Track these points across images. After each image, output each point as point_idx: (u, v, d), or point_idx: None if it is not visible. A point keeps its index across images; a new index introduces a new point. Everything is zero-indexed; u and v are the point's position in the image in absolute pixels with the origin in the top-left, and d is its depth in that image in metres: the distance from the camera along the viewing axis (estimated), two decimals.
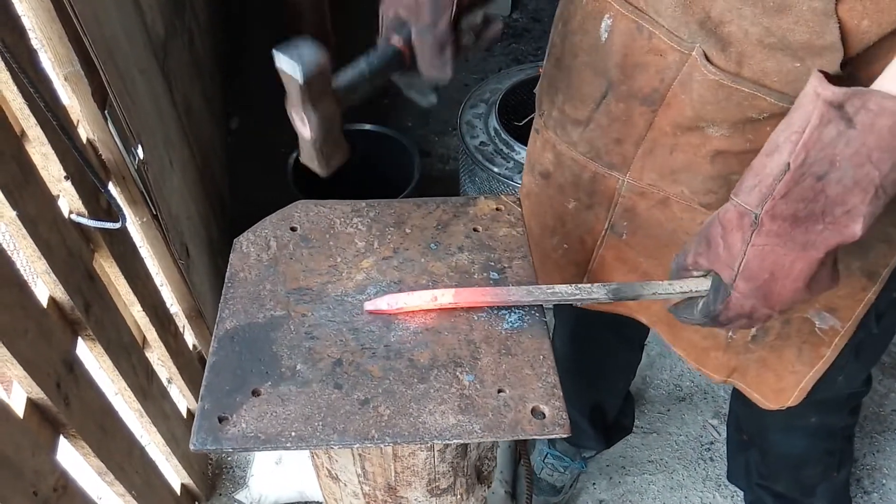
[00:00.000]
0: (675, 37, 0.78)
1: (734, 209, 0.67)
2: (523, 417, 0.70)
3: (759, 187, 0.64)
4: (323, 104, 0.73)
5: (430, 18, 0.77)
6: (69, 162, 1.01)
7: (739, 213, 0.66)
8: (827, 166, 0.61)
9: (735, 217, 0.67)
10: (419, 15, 0.77)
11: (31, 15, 0.96)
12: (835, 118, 0.59)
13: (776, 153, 0.63)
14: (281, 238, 0.87)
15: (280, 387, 0.72)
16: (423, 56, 0.79)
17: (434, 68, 0.79)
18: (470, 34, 0.82)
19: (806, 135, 0.60)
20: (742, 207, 0.66)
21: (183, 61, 1.78)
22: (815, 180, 0.61)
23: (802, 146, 0.60)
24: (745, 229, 0.66)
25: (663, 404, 1.93)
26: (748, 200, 0.65)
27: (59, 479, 0.99)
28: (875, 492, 1.77)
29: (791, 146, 0.61)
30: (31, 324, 0.92)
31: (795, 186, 0.62)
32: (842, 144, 0.59)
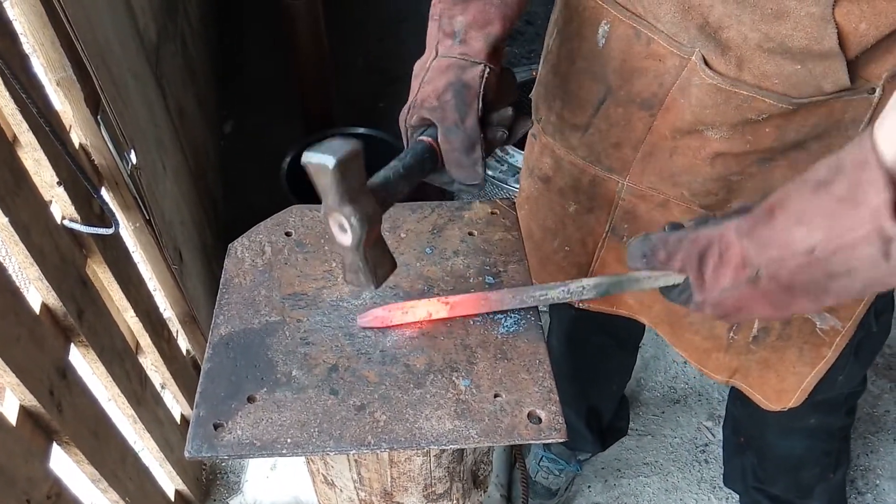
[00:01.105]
0: (674, 42, 0.78)
1: (740, 252, 0.65)
2: (520, 422, 0.70)
3: (776, 251, 0.62)
4: (361, 203, 0.66)
5: (456, 117, 0.75)
6: (62, 167, 1.01)
7: (744, 259, 0.64)
8: (843, 272, 0.60)
9: (737, 259, 0.65)
10: (444, 115, 0.75)
11: (22, 20, 0.95)
12: (877, 246, 0.57)
13: (806, 229, 0.60)
14: (276, 243, 0.87)
15: (275, 393, 0.72)
16: (451, 157, 0.76)
17: (463, 168, 0.77)
18: (501, 130, 0.79)
19: (845, 240, 0.58)
20: (749, 257, 0.64)
21: (176, 66, 1.78)
22: (826, 275, 0.61)
23: (835, 248, 0.58)
24: (740, 275, 0.65)
25: (658, 406, 1.93)
26: (759, 256, 0.63)
27: (52, 487, 0.98)
28: (869, 492, 1.77)
29: (824, 237, 0.59)
30: (23, 330, 0.92)
31: (808, 269, 0.61)
32: (867, 263, 0.58)
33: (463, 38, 0.76)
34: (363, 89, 2.75)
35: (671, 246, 0.69)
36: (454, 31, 0.76)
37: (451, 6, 0.76)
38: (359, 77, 2.81)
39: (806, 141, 0.79)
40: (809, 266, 0.61)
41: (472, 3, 0.76)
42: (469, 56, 0.76)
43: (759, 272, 0.63)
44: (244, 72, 2.81)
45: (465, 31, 0.76)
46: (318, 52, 2.27)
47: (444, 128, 0.76)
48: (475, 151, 0.76)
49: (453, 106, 0.75)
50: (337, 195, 0.65)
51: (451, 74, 0.75)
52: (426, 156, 0.76)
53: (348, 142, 0.65)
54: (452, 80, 0.75)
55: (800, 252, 0.60)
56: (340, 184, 0.64)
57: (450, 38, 0.77)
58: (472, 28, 0.76)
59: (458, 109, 0.75)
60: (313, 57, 2.27)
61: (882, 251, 0.57)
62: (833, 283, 0.61)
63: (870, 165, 0.56)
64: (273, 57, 2.72)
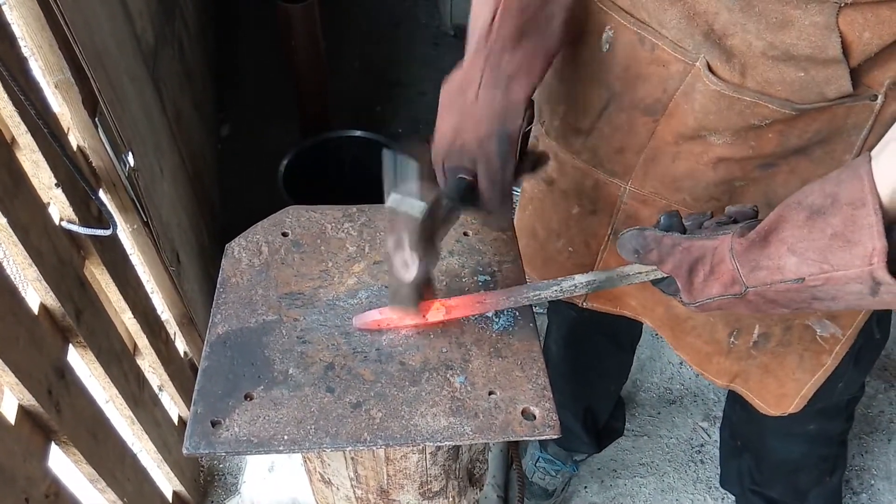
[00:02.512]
0: (678, 48, 0.78)
1: (730, 271, 0.66)
2: (514, 419, 0.71)
3: (765, 274, 0.64)
4: (430, 250, 0.73)
5: (499, 167, 0.77)
6: (60, 169, 1.02)
7: (733, 278, 0.66)
8: (830, 299, 0.62)
9: (727, 276, 0.67)
10: (488, 165, 0.78)
11: (21, 23, 0.96)
12: (867, 286, 0.59)
13: (798, 259, 0.62)
14: (272, 243, 0.88)
15: (272, 391, 0.72)
16: (489, 204, 0.80)
17: (496, 211, 0.81)
18: (529, 170, 0.86)
19: (836, 275, 0.60)
20: (739, 277, 0.66)
21: (173, 69, 1.79)
22: (811, 298, 0.63)
23: (826, 279, 0.60)
24: (728, 290, 0.67)
25: (654, 407, 1.94)
26: (749, 277, 0.65)
27: (50, 486, 0.99)
28: (864, 492, 1.78)
29: (817, 270, 0.61)
30: (22, 331, 0.92)
31: (795, 294, 0.63)
32: (853, 297, 0.60)
33: (507, 86, 0.76)
34: (359, 92, 2.76)
35: (664, 249, 0.71)
36: (499, 78, 0.77)
37: (501, 49, 0.76)
38: (355, 80, 2.83)
39: (808, 146, 0.80)
40: (797, 292, 0.63)
41: (520, 49, 0.76)
42: (511, 105, 0.77)
43: (746, 290, 0.66)
44: (241, 75, 2.82)
45: (511, 77, 0.77)
46: (315, 55, 2.28)
47: (489, 178, 0.78)
48: (510, 197, 0.80)
49: (497, 156, 0.77)
50: (417, 238, 0.71)
51: (494, 124, 0.76)
52: (468, 195, 0.80)
53: (429, 190, 0.70)
54: (497, 130, 0.76)
55: (789, 279, 0.63)
56: (421, 232, 0.70)
57: (493, 82, 0.77)
58: (518, 75, 0.76)
59: (502, 160, 0.77)
60: (310, 60, 2.28)
61: (871, 290, 0.59)
62: (816, 304, 0.64)
63: (866, 207, 0.58)
64: (270, 60, 2.73)
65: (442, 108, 0.80)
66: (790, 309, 0.66)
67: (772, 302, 0.66)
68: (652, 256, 0.71)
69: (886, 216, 0.57)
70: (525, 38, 0.76)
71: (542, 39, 0.77)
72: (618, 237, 1.01)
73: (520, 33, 0.75)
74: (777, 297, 0.65)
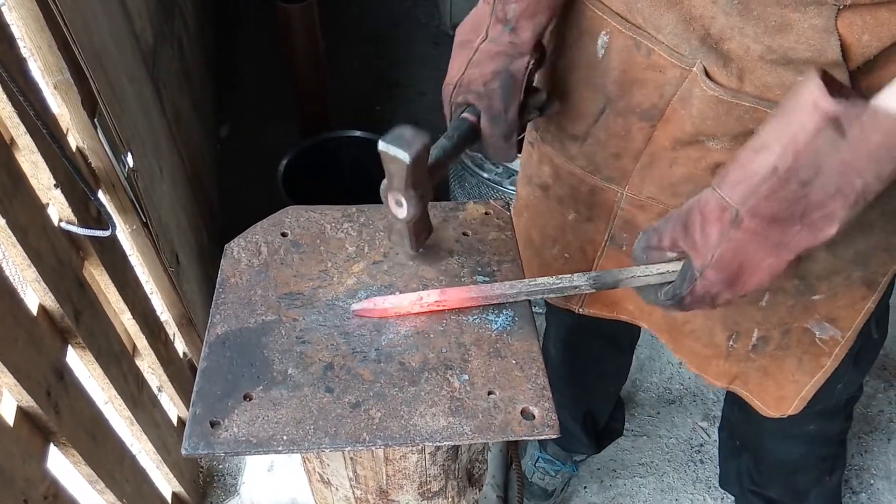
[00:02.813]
0: (675, 53, 0.78)
1: (715, 201, 0.67)
2: (513, 419, 0.71)
3: (744, 184, 0.64)
4: (420, 188, 0.76)
5: (501, 107, 0.81)
6: (59, 170, 1.02)
7: (721, 206, 0.66)
8: (813, 173, 0.61)
9: (716, 209, 0.67)
10: (490, 103, 0.81)
11: (20, 24, 0.96)
12: (829, 129, 0.59)
13: (764, 152, 0.63)
14: (272, 243, 0.88)
15: (271, 391, 0.72)
16: (491, 141, 0.83)
17: (500, 151, 0.84)
18: (535, 112, 0.87)
19: (799, 143, 0.60)
20: (724, 202, 0.66)
21: (172, 69, 1.79)
22: (799, 185, 0.62)
23: (794, 153, 0.61)
24: (724, 223, 0.66)
25: (653, 407, 1.94)
26: (731, 195, 0.65)
27: (49, 488, 0.99)
28: (863, 492, 1.78)
29: (781, 149, 0.61)
30: (20, 332, 0.92)
31: (780, 189, 0.62)
32: (831, 154, 0.60)
33: (514, 27, 0.80)
34: (359, 92, 2.76)
35: (660, 227, 0.72)
36: (507, 18, 0.80)
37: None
38: (354, 80, 2.83)
39: None
40: (780, 185, 0.63)
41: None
42: (517, 46, 0.80)
43: (738, 213, 0.65)
44: (240, 75, 2.82)
45: (517, 19, 0.80)
46: (314, 55, 2.28)
47: (490, 116, 0.82)
48: (512, 138, 0.82)
49: (499, 96, 0.80)
50: (403, 181, 0.74)
51: (499, 62, 0.80)
52: (469, 135, 0.83)
53: (420, 134, 0.73)
54: (500, 68, 0.80)
55: (765, 175, 0.63)
56: (410, 173, 0.73)
57: (501, 23, 0.80)
58: (524, 17, 0.80)
59: (504, 100, 0.80)
60: (309, 60, 2.28)
61: (836, 132, 0.59)
62: (810, 192, 0.62)
63: (806, 77, 0.60)
64: (269, 60, 2.73)
65: (454, 48, 0.84)
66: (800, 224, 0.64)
67: (773, 219, 0.64)
68: (653, 241, 0.73)
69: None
70: None
71: None
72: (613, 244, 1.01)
73: None
74: (772, 208, 0.64)
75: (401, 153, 0.71)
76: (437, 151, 0.81)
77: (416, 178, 0.74)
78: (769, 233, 0.65)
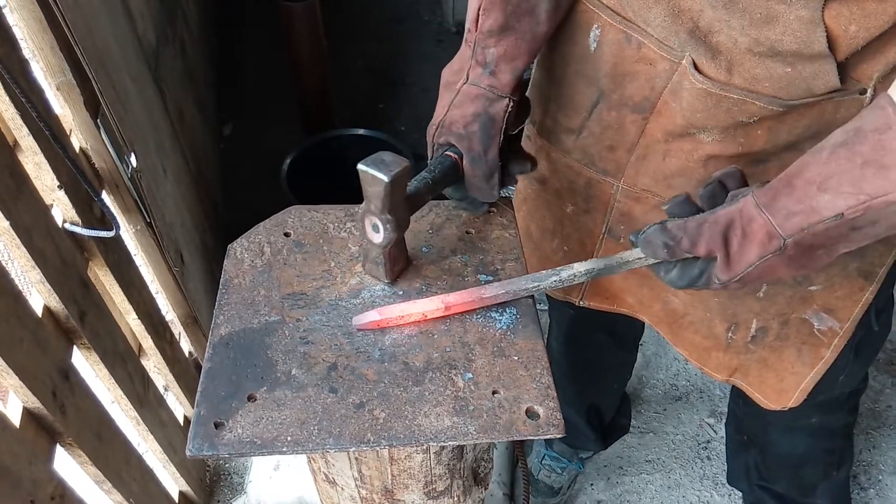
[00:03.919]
0: (664, 46, 0.78)
1: (763, 225, 0.65)
2: (518, 418, 0.71)
3: (801, 218, 0.63)
4: (398, 213, 0.77)
5: (480, 148, 0.83)
6: (62, 171, 1.02)
7: (769, 233, 0.65)
8: (869, 224, 0.61)
9: (762, 233, 0.65)
10: (471, 145, 0.83)
11: (22, 25, 0.96)
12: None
13: (831, 195, 0.61)
14: (275, 243, 0.88)
15: (275, 392, 0.72)
16: (472, 181, 0.85)
17: (482, 192, 0.86)
18: (524, 164, 0.89)
19: (876, 202, 0.59)
20: (774, 230, 0.64)
21: (175, 69, 1.78)
22: (850, 229, 0.62)
23: (866, 209, 0.60)
24: (766, 249, 0.66)
25: (660, 404, 1.94)
26: (783, 226, 0.64)
27: (56, 488, 0.99)
28: (871, 488, 1.77)
29: (855, 202, 0.60)
30: (26, 333, 0.92)
31: (834, 230, 0.62)
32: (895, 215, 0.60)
33: (493, 70, 0.81)
34: (362, 91, 2.76)
35: (692, 232, 0.70)
36: (486, 62, 0.82)
37: (487, 37, 0.81)
38: (358, 78, 2.82)
39: (799, 142, 0.79)
40: (836, 227, 0.62)
41: (505, 38, 0.80)
42: (497, 89, 0.82)
43: (784, 242, 0.64)
44: (243, 74, 2.82)
45: (496, 63, 0.81)
46: (317, 54, 2.28)
47: (470, 157, 0.84)
48: (493, 178, 0.84)
49: (479, 138, 0.82)
50: (381, 204, 0.75)
51: (479, 105, 0.82)
52: (451, 172, 0.85)
53: (400, 160, 0.74)
54: (480, 111, 0.82)
55: (827, 217, 0.62)
56: (388, 196, 0.74)
57: (481, 66, 0.82)
58: (503, 61, 0.81)
59: (483, 142, 0.82)
60: (312, 59, 2.28)
61: None
62: (855, 234, 0.63)
63: (892, 130, 0.57)
64: (272, 59, 2.73)
65: (440, 89, 0.86)
66: (827, 249, 0.65)
67: (810, 248, 0.64)
68: (684, 245, 0.70)
69: None
70: (509, 27, 0.80)
71: (527, 26, 0.81)
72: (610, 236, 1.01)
73: (505, 21, 0.80)
74: (815, 241, 0.64)
75: (380, 174, 0.73)
76: (417, 183, 0.82)
77: (393, 201, 0.75)
78: (800, 257, 0.66)
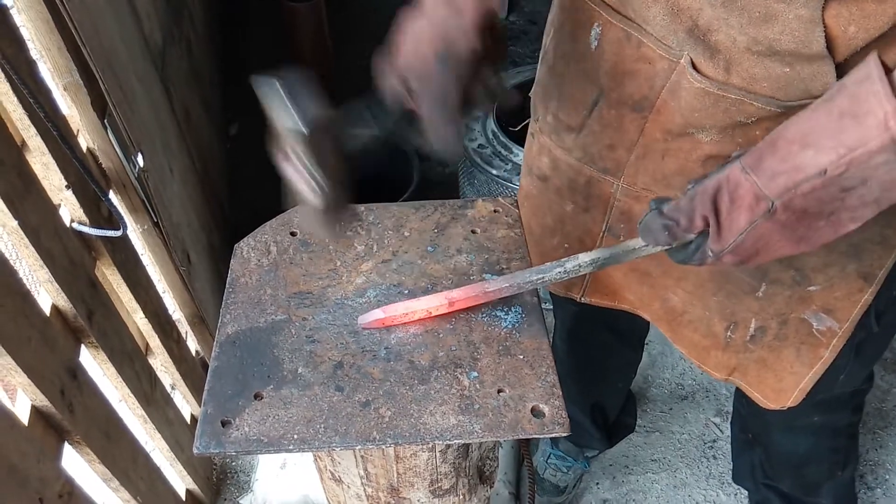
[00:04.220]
0: (663, 45, 0.78)
1: (749, 188, 0.64)
2: (523, 417, 0.71)
3: (785, 177, 0.62)
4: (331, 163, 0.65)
5: (440, 92, 0.70)
6: (70, 171, 1.02)
7: (755, 195, 0.64)
8: (858, 183, 0.60)
9: (749, 196, 0.64)
10: (428, 86, 0.71)
11: (29, 26, 0.96)
12: (891, 152, 0.58)
13: (814, 151, 0.60)
14: (281, 243, 0.88)
15: (282, 390, 0.73)
16: (432, 129, 0.72)
17: (443, 141, 0.73)
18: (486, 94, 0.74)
19: (857, 154, 0.58)
20: (760, 191, 0.63)
21: (181, 69, 1.79)
22: (840, 190, 0.61)
23: (847, 163, 0.59)
24: (755, 212, 0.64)
25: (665, 403, 1.93)
26: (769, 186, 0.63)
27: (64, 486, 1.00)
28: (878, 487, 1.77)
29: (835, 156, 0.59)
30: (34, 332, 0.93)
31: (821, 189, 0.61)
32: (883, 170, 0.59)
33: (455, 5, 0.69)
34: (365, 90, 2.76)
35: (685, 208, 0.69)
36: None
37: None
38: (360, 78, 2.82)
39: None
40: (823, 186, 0.61)
41: None
42: (457, 26, 0.69)
43: (773, 204, 0.63)
44: (248, 74, 2.83)
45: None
46: (321, 53, 2.29)
47: (428, 102, 0.71)
48: (457, 125, 0.72)
49: (439, 82, 0.70)
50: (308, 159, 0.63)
51: (437, 41, 0.70)
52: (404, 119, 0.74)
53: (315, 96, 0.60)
54: (439, 47, 0.70)
55: (812, 175, 0.61)
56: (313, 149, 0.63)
57: (441, 4, 0.70)
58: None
59: (443, 84, 0.70)
60: (316, 59, 2.29)
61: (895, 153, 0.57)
62: (848, 197, 0.61)
63: (871, 79, 0.57)
64: (277, 59, 2.73)
65: (396, 29, 0.75)
66: (826, 221, 0.63)
67: (804, 214, 0.63)
68: (683, 223, 0.69)
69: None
70: None
71: None
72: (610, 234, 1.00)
73: None
74: (807, 205, 0.62)
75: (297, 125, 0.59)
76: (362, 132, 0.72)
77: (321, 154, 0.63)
78: (796, 226, 0.64)
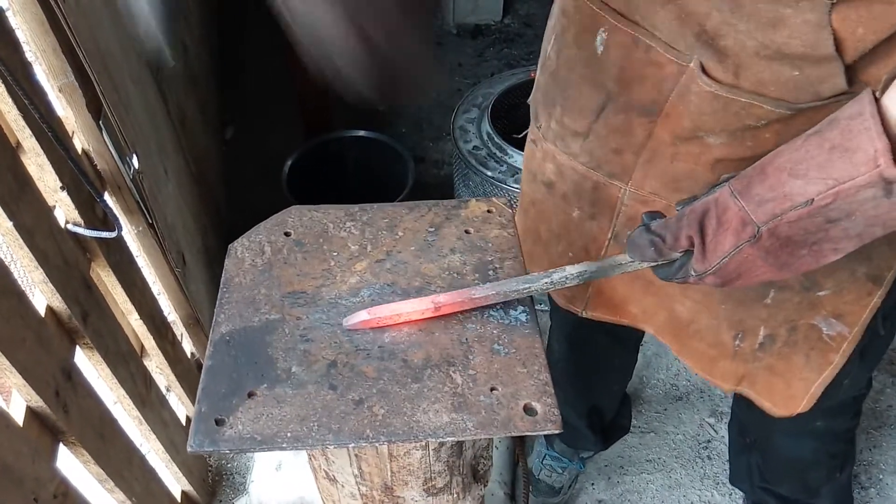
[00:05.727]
0: (672, 49, 0.78)
1: (737, 212, 0.66)
2: (515, 414, 0.71)
3: (773, 205, 0.63)
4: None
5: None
6: (65, 172, 1.02)
7: (742, 219, 0.65)
8: (843, 216, 0.61)
9: (736, 220, 0.66)
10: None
11: (24, 28, 0.97)
12: (879, 189, 0.59)
13: (802, 181, 0.61)
14: (275, 243, 0.89)
15: (276, 389, 0.73)
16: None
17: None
18: None
19: (845, 187, 0.59)
20: (747, 216, 0.65)
21: (177, 72, 1.80)
22: (825, 221, 0.62)
23: (835, 195, 0.60)
24: (740, 237, 0.66)
25: (660, 404, 1.94)
26: (756, 212, 0.64)
27: (59, 487, 1.00)
28: (872, 487, 1.77)
29: (824, 187, 0.60)
30: (29, 333, 0.93)
31: (806, 219, 0.62)
32: (868, 207, 0.60)
33: None
34: None
35: (672, 227, 0.70)
36: None
37: None
38: None
39: None
40: (809, 216, 0.62)
41: None
42: None
43: (759, 230, 0.64)
44: (245, 77, 2.83)
45: None
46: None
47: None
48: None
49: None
50: None
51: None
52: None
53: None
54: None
55: (797, 204, 0.62)
56: None
57: None
58: None
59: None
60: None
61: (885, 192, 0.58)
62: (833, 228, 0.62)
63: (864, 115, 0.58)
64: (273, 62, 2.74)
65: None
66: (808, 251, 0.64)
67: (787, 241, 0.64)
68: (668, 241, 0.71)
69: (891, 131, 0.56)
70: None
71: None
72: (616, 242, 1.01)
73: None
74: (791, 232, 0.63)
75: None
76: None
77: None
78: (779, 253, 0.66)
